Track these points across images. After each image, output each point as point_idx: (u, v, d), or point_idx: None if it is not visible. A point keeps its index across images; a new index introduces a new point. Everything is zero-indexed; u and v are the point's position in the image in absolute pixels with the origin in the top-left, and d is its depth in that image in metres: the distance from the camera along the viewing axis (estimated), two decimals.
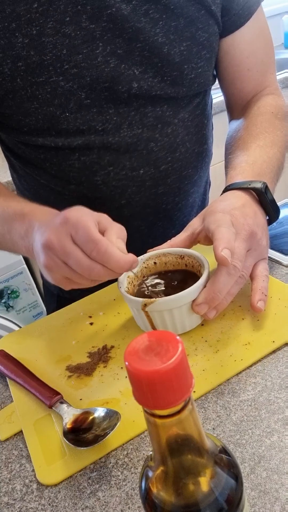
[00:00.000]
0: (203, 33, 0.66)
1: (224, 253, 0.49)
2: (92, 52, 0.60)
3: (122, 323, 0.62)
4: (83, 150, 0.66)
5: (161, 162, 0.70)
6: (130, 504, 0.40)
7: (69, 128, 0.64)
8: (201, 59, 0.67)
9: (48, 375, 0.56)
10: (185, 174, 0.74)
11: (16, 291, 1.52)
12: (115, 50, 0.61)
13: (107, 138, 0.66)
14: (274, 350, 0.51)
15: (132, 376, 0.24)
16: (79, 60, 0.60)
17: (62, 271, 0.48)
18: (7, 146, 0.73)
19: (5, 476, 0.46)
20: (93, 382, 0.53)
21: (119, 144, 0.66)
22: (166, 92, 0.66)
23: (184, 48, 0.65)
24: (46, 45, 0.58)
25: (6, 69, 0.59)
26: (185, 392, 0.24)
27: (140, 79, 0.63)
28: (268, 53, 0.76)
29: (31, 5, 0.57)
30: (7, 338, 0.66)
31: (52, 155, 0.67)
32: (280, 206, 0.79)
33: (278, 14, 2.25)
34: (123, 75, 0.62)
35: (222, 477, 0.28)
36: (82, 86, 0.61)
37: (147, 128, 0.67)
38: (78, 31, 0.59)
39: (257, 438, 0.43)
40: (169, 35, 0.63)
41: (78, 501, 0.42)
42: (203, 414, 0.46)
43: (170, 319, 0.54)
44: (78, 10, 0.58)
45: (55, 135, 0.65)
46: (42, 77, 0.60)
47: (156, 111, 0.67)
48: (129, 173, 0.69)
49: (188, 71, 0.66)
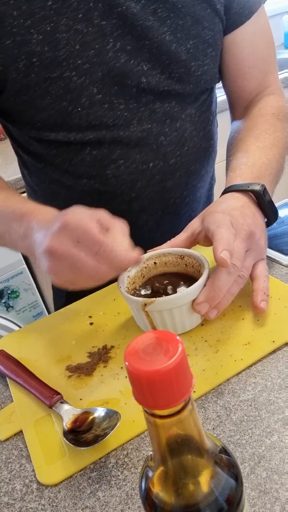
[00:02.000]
0: (208, 31, 0.67)
1: (223, 255, 0.49)
2: (103, 48, 0.62)
3: (122, 323, 0.62)
4: (94, 144, 0.67)
5: (170, 156, 0.71)
6: (130, 504, 0.40)
7: (81, 123, 0.65)
8: (207, 57, 0.69)
9: (48, 375, 0.56)
10: (192, 169, 0.75)
11: (16, 291, 1.52)
12: (124, 47, 0.62)
13: (118, 133, 0.67)
14: (274, 350, 0.51)
15: (132, 376, 0.24)
16: (91, 55, 0.61)
17: (66, 274, 0.49)
18: (19, 142, 0.74)
19: (5, 476, 0.46)
20: (93, 382, 0.53)
21: (129, 139, 0.68)
22: (173, 88, 0.68)
23: (191, 46, 0.66)
24: (59, 41, 0.60)
25: (21, 65, 0.60)
26: (185, 392, 0.24)
27: (149, 75, 0.65)
28: (269, 53, 0.76)
29: (46, 2, 0.58)
30: (7, 338, 0.66)
31: (64, 150, 0.68)
32: (280, 206, 0.80)
33: (278, 14, 2.25)
34: (133, 71, 0.64)
35: (222, 477, 0.28)
36: (94, 81, 0.63)
37: (156, 123, 0.69)
38: (90, 28, 0.60)
39: (257, 438, 0.43)
40: (176, 33, 0.64)
41: (78, 501, 0.42)
42: (203, 414, 0.46)
43: (170, 319, 0.54)
44: (90, 8, 0.60)
45: (67, 130, 0.66)
46: (55, 72, 0.61)
47: (164, 107, 0.68)
48: (139, 167, 0.70)
49: (195, 68, 0.68)
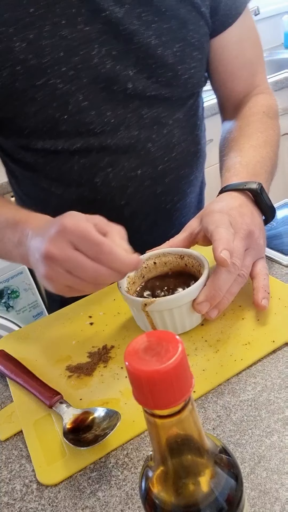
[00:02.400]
0: (194, 34, 0.67)
1: (223, 254, 0.49)
2: (88, 54, 0.61)
3: (122, 323, 0.62)
4: (83, 152, 0.67)
5: (159, 161, 0.71)
6: (130, 504, 0.40)
7: (68, 130, 0.64)
8: (193, 60, 0.68)
9: (48, 375, 0.56)
10: (182, 174, 0.75)
11: (16, 291, 1.52)
12: (110, 52, 0.62)
13: (106, 140, 0.66)
14: (274, 350, 0.51)
15: (132, 376, 0.24)
16: (76, 61, 0.61)
17: (64, 280, 0.47)
18: (6, 151, 0.73)
19: (5, 476, 0.46)
20: (93, 382, 0.53)
21: (117, 146, 0.67)
22: (161, 92, 0.67)
23: (177, 49, 0.65)
24: (43, 48, 0.59)
25: (5, 73, 0.60)
26: (185, 392, 0.24)
27: (135, 80, 0.64)
28: (257, 53, 0.77)
29: (28, 9, 0.58)
30: (7, 338, 0.66)
31: (52, 158, 0.68)
32: (280, 206, 0.80)
33: (278, 14, 2.24)
34: (119, 76, 0.63)
35: (222, 477, 0.28)
36: (80, 88, 0.62)
37: (144, 130, 0.68)
38: (74, 34, 0.60)
39: (257, 438, 0.43)
40: (162, 37, 0.64)
41: (78, 501, 0.42)
42: (203, 414, 0.46)
43: (170, 319, 0.54)
44: (74, 13, 0.59)
45: (54, 138, 0.65)
46: (40, 79, 0.60)
47: (152, 112, 0.68)
48: (128, 174, 0.69)
49: (182, 71, 0.67)
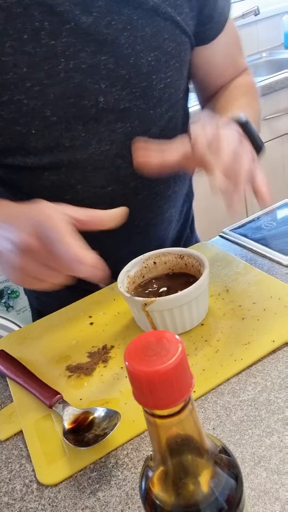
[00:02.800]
0: (170, 43, 0.64)
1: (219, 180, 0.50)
2: (54, 69, 0.58)
3: (122, 323, 0.62)
4: (52, 169, 0.65)
5: (130, 178, 0.68)
6: (130, 504, 0.40)
7: (37, 146, 0.63)
8: (169, 69, 0.66)
9: (48, 375, 0.56)
10: (156, 190, 0.72)
11: (16, 291, 1.52)
12: (79, 65, 0.59)
13: (75, 156, 0.64)
14: (274, 350, 0.51)
15: (132, 376, 0.24)
16: (41, 77, 0.58)
17: (37, 271, 0.47)
18: None
19: (5, 476, 0.46)
20: (93, 382, 0.53)
21: (86, 162, 0.65)
22: (135, 104, 0.64)
23: (152, 58, 0.63)
24: (6, 64, 0.57)
25: None
26: (185, 392, 0.24)
27: (107, 93, 0.62)
28: (239, 49, 0.78)
29: None
30: (7, 338, 0.66)
31: (24, 175, 0.66)
32: (280, 206, 0.80)
33: (278, 14, 2.24)
34: (89, 90, 0.61)
35: (222, 477, 0.28)
36: (47, 104, 0.60)
37: (116, 145, 0.66)
38: (38, 48, 0.57)
39: (257, 438, 0.43)
40: (135, 45, 0.61)
41: (78, 501, 0.42)
42: (203, 414, 0.46)
43: (170, 318, 0.54)
44: (36, 27, 0.56)
45: (24, 154, 0.63)
46: (5, 96, 0.59)
47: (126, 127, 0.65)
48: (99, 191, 0.67)
49: (157, 81, 0.65)
